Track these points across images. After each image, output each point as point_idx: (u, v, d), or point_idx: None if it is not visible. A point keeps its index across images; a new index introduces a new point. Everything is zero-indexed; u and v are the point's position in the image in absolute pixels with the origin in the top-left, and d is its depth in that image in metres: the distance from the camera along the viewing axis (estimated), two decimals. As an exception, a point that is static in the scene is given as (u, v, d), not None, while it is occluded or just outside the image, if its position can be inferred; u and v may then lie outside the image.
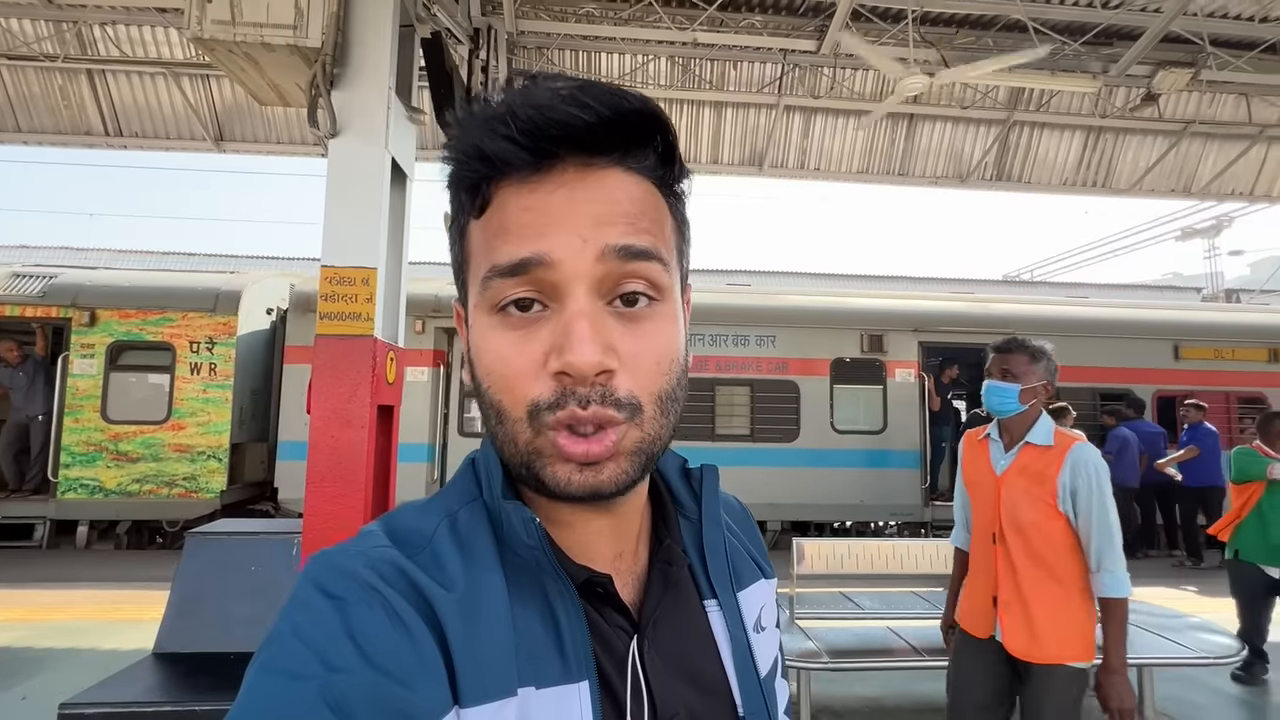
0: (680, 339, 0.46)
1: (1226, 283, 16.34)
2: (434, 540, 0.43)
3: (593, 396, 0.40)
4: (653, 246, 0.43)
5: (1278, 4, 5.51)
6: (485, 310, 0.43)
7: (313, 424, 2.92)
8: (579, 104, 0.40)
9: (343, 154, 3.07)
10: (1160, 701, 3.21)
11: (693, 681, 0.47)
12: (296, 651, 0.36)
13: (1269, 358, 7.83)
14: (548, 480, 0.42)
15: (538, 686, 0.40)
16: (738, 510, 0.62)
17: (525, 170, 0.41)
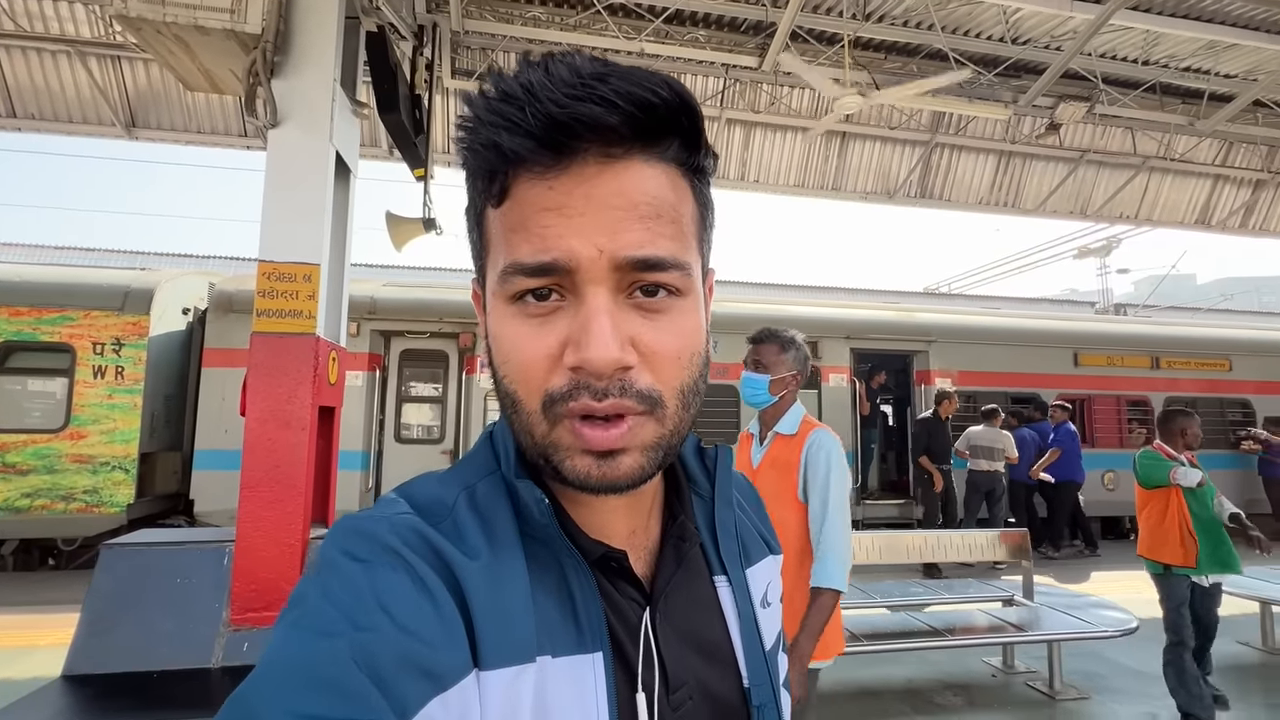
0: (702, 331, 0.46)
1: (1115, 298, 18.02)
2: (455, 510, 0.44)
3: (611, 390, 0.40)
4: (670, 255, 0.42)
5: (1157, 49, 6.20)
6: (504, 299, 0.43)
7: (248, 426, 2.77)
8: (601, 99, 0.38)
9: (284, 145, 2.95)
10: (1067, 675, 3.51)
11: (701, 652, 0.49)
12: (324, 611, 0.36)
13: (1151, 365, 8.71)
14: (567, 474, 0.42)
15: (554, 655, 0.41)
16: (746, 488, 0.64)
17: (542, 164, 0.40)
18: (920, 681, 3.55)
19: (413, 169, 5.09)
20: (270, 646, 0.36)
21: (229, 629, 2.72)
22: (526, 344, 0.42)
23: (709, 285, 0.50)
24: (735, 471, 0.59)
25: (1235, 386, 8.90)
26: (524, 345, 0.42)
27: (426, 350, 7.25)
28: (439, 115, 6.48)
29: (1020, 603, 3.83)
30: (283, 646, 0.36)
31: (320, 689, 0.33)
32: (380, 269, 13.69)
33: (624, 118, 0.39)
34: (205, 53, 3.13)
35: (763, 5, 5.56)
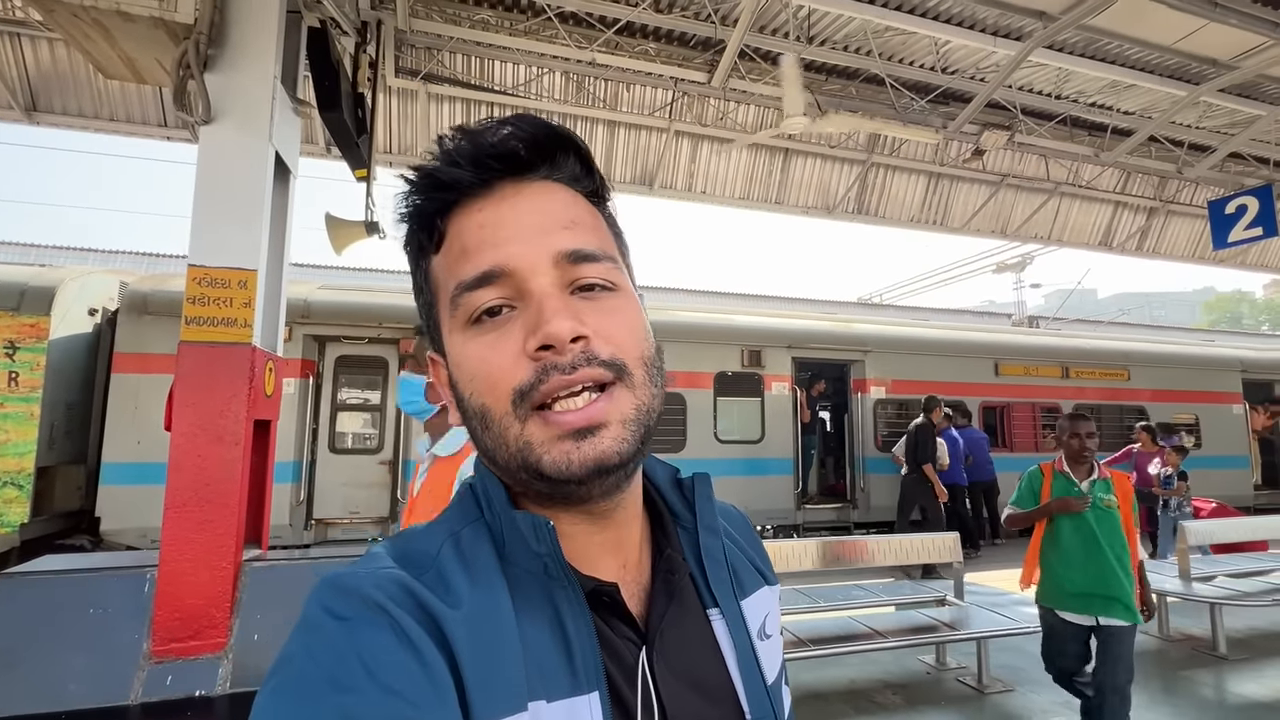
0: (645, 319, 0.49)
1: (1029, 311, 19.40)
2: (439, 559, 0.44)
3: (577, 362, 0.42)
4: (599, 249, 0.47)
5: (1068, 85, 6.74)
6: (460, 327, 0.46)
7: (174, 441, 2.58)
8: (508, 134, 0.47)
9: (218, 143, 2.77)
10: (994, 669, 3.74)
11: (700, 691, 0.48)
12: (305, 674, 0.36)
13: (1062, 374, 9.42)
14: (547, 467, 0.42)
15: (548, 700, 0.40)
16: (736, 518, 0.63)
17: (472, 193, 0.47)
18: (862, 682, 3.69)
19: (354, 170, 4.89)
20: (254, 711, 0.36)
21: (150, 661, 2.52)
22: (488, 352, 0.44)
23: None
24: (721, 500, 0.59)
25: (1133, 395, 9.75)
26: (485, 355, 0.44)
27: (364, 356, 6.97)
28: (382, 115, 6.27)
29: (952, 603, 4.05)
30: (267, 713, 0.35)
31: None
32: (314, 270, 13.07)
33: (524, 143, 0.47)
34: (128, 40, 2.91)
35: (711, 23, 5.68)
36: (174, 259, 14.86)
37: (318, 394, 6.73)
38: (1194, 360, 10.44)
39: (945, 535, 4.25)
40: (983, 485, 8.20)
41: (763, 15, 5.60)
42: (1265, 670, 3.92)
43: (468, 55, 6.26)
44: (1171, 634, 4.53)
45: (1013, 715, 3.33)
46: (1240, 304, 53.13)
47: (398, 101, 6.52)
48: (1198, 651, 4.24)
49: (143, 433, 6.04)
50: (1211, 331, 23.27)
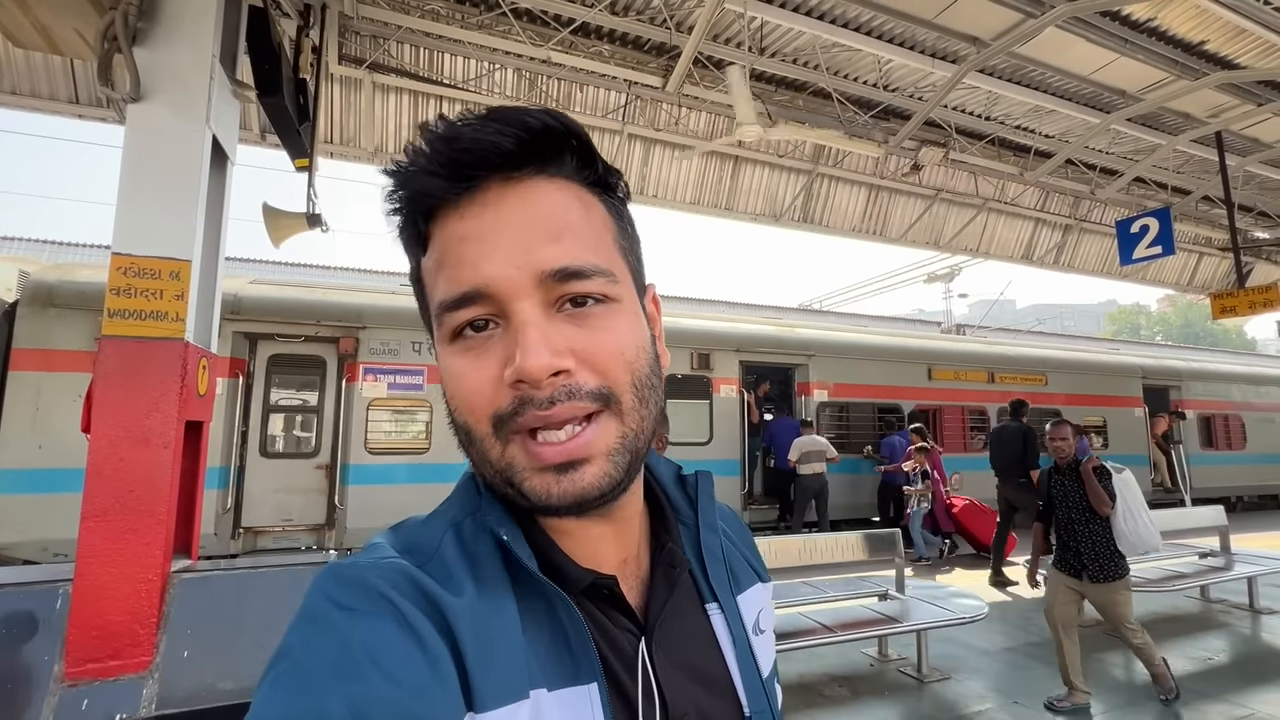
0: (641, 331, 0.46)
1: (956, 319, 20.52)
2: (441, 549, 0.44)
3: (556, 397, 0.41)
4: (588, 264, 0.43)
5: (996, 108, 7.18)
6: (445, 340, 0.44)
7: (94, 444, 2.37)
8: (487, 129, 0.42)
9: (148, 123, 2.57)
10: (932, 659, 3.92)
11: (699, 681, 0.48)
12: (309, 665, 0.35)
13: (988, 379, 10.01)
14: (528, 494, 0.43)
15: (549, 689, 0.41)
16: (732, 518, 0.63)
17: (452, 198, 0.43)
18: (810, 676, 3.80)
19: (294, 159, 4.65)
20: (256, 705, 0.35)
21: (62, 685, 2.31)
22: (468, 373, 0.43)
23: (652, 299, 0.52)
24: (717, 501, 0.60)
25: (1049, 398, 10.46)
26: (466, 375, 0.43)
27: (300, 355, 6.62)
28: (325, 103, 6.00)
29: (893, 596, 4.22)
30: (269, 705, 0.35)
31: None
32: (244, 263, 12.33)
33: (514, 140, 0.42)
34: (43, 7, 2.67)
35: (667, 29, 5.74)
36: (81, 248, 13.70)
37: (248, 394, 6.35)
38: (1102, 367, 11.33)
39: (887, 532, 4.43)
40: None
41: (717, 24, 5.70)
42: (1167, 650, 4.24)
43: (416, 46, 6.08)
44: (1086, 620, 4.88)
45: (950, 702, 3.50)
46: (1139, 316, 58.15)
47: (341, 90, 6.26)
48: (1109, 635, 4.58)
49: (45, 436, 5.54)
50: (1115, 341, 25.29)
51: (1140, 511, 3.44)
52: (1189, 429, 11.78)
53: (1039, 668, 3.95)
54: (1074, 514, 3.53)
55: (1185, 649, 4.29)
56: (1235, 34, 5.61)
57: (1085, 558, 3.46)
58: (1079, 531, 3.50)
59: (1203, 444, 11.78)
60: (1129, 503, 3.42)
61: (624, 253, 0.49)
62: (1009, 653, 4.22)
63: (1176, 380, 11.95)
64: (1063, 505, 3.60)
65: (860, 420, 8.98)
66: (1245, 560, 5.35)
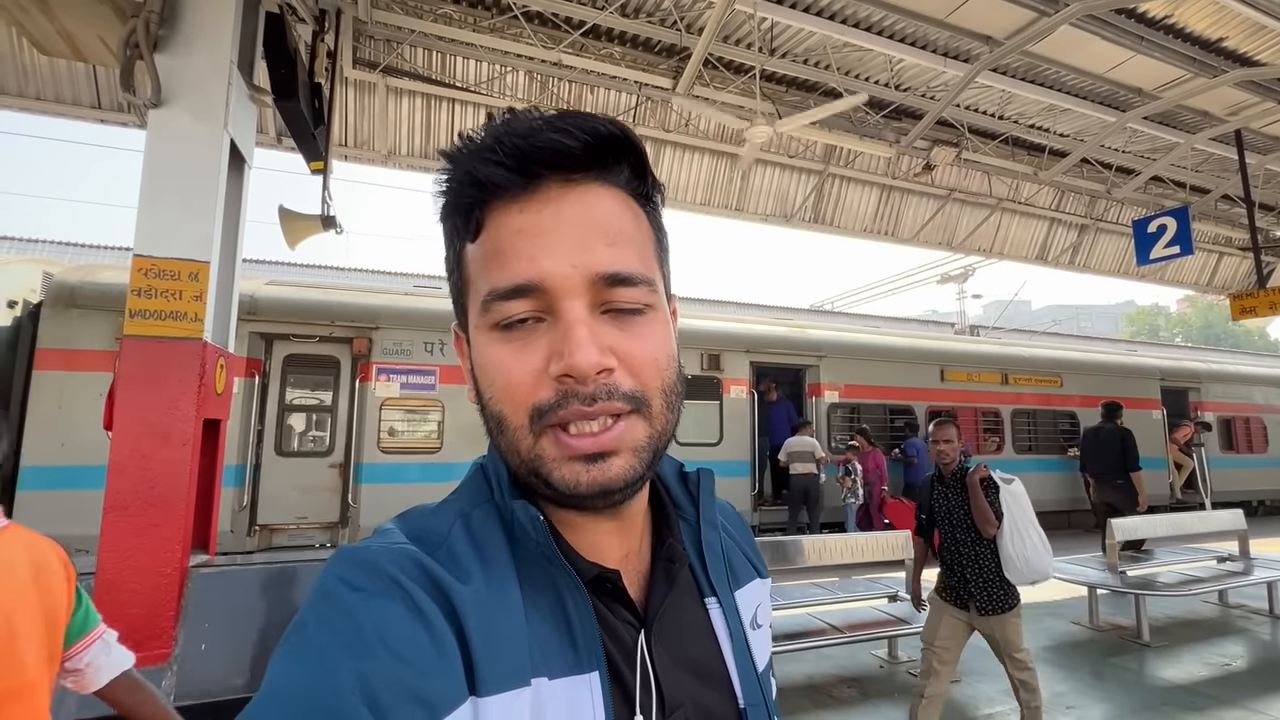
0: (672, 341, 0.49)
1: (970, 320, 20.34)
2: (450, 538, 0.45)
3: (598, 394, 0.43)
4: (637, 272, 0.45)
5: (1010, 107, 7.12)
6: (486, 328, 0.45)
7: (116, 442, 2.43)
8: (559, 130, 0.44)
9: (168, 128, 2.64)
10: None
11: (696, 673, 0.49)
12: (321, 640, 0.37)
13: (1002, 380, 9.92)
14: (556, 483, 0.44)
15: (550, 677, 0.42)
16: (731, 514, 0.65)
17: (514, 191, 0.44)
18: (819, 677, 3.79)
19: (309, 162, 4.73)
20: (270, 675, 0.37)
21: (84, 676, 2.36)
22: (511, 363, 0.44)
23: (674, 310, 0.53)
24: (720, 499, 0.61)
25: (1064, 400, 10.35)
26: (509, 365, 0.44)
27: (315, 355, 6.71)
28: (339, 107, 6.08)
29: (903, 598, 4.20)
30: (282, 675, 0.36)
31: (319, 718, 0.34)
32: (260, 265, 12.51)
33: (580, 144, 0.44)
34: (68, 14, 2.74)
35: (677, 30, 5.76)
36: (103, 249, 13.97)
37: (264, 394, 6.45)
38: (1119, 369, 11.17)
39: (898, 534, 4.41)
40: None
41: (727, 25, 5.71)
42: (1182, 655, 4.22)
43: (429, 50, 6.14)
44: (1101, 624, 4.83)
45: (960, 704, 3.48)
46: (1157, 317, 57.26)
47: (355, 94, 6.34)
48: (1124, 639, 4.54)
49: (68, 434, 5.66)
50: (1133, 342, 24.93)
51: (1029, 531, 2.84)
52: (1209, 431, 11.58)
53: (1048, 669, 3.92)
54: (958, 533, 2.91)
55: (1203, 654, 4.23)
56: (1254, 30, 5.53)
57: (972, 585, 2.83)
58: (964, 554, 2.87)
59: (1223, 447, 11.58)
60: (1017, 520, 2.84)
61: (660, 264, 0.51)
62: (1021, 656, 4.19)
63: (1195, 382, 11.76)
64: (945, 521, 2.97)
65: (872, 422, 8.93)
66: (1265, 565, 5.27)
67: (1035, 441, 10.01)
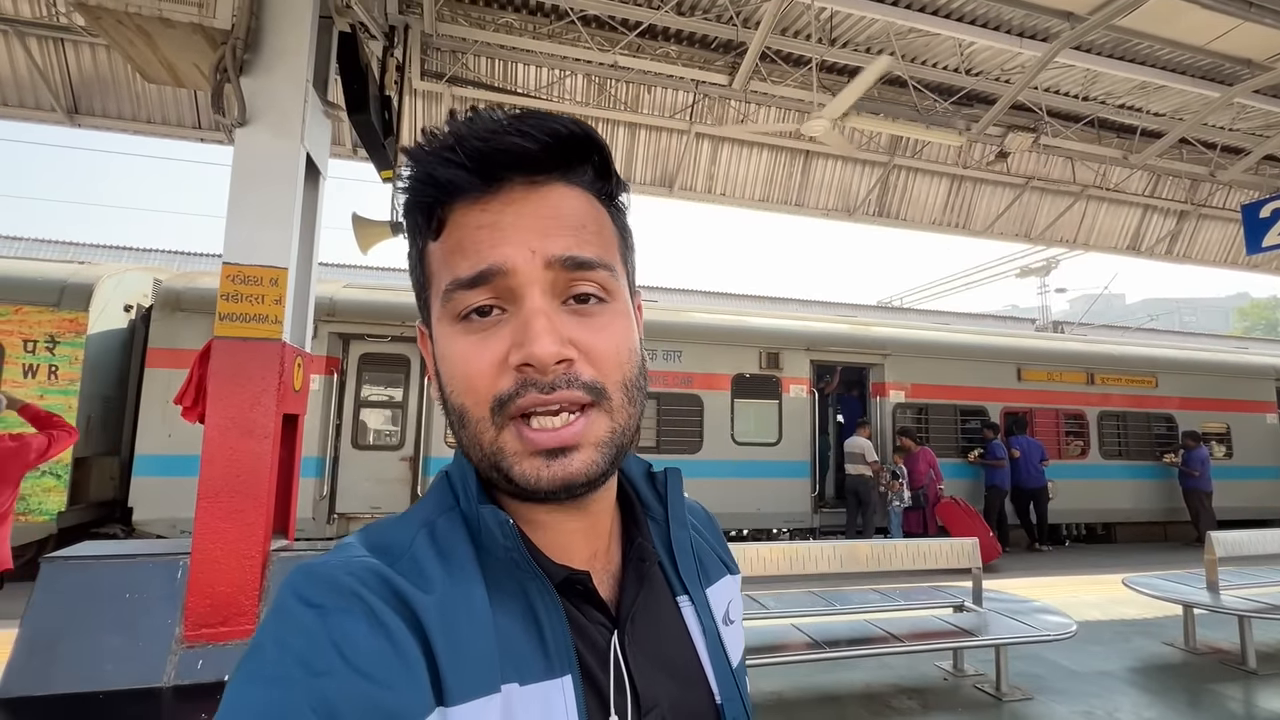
0: (634, 335, 0.48)
1: (1053, 315, 19.05)
2: (413, 548, 0.44)
3: (557, 383, 0.42)
4: (597, 256, 0.46)
5: (1095, 87, 6.63)
6: (449, 320, 0.45)
7: (208, 434, 2.67)
8: (520, 132, 0.44)
9: (252, 145, 2.87)
10: (1012, 677, 3.70)
11: (671, 673, 0.49)
12: (279, 659, 0.36)
13: (1087, 380, 9.25)
14: (517, 478, 0.43)
15: (521, 683, 0.41)
16: (700, 513, 0.65)
17: (475, 192, 0.44)
18: (877, 686, 3.68)
19: (380, 171, 4.99)
20: (226, 698, 0.35)
21: (182, 646, 2.61)
22: (472, 354, 0.44)
23: (638, 306, 0.53)
24: (688, 498, 0.61)
25: (1160, 402, 9.53)
26: (470, 356, 0.44)
27: (387, 354, 7.09)
28: (408, 117, 6.38)
29: (970, 608, 4.01)
30: (239, 698, 0.35)
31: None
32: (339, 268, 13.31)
33: (541, 146, 0.44)
34: (168, 45, 3.02)
35: (734, 25, 5.70)
36: (205, 257, 15.23)
37: (341, 391, 6.87)
38: (1225, 368, 10.18)
39: (965, 541, 4.21)
40: (1031, 491, 8.28)
41: (784, 18, 5.60)
42: (1295, 686, 3.82)
43: (491, 58, 6.35)
44: (1198, 646, 4.44)
45: (1032, 724, 3.29)
46: (1277, 310, 51.61)
47: (423, 104, 6.64)
48: (1226, 665, 4.15)
49: (174, 426, 6.21)
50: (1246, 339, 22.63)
51: None
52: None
53: (1135, 693, 3.65)
54: None
55: (1320, 685, 3.81)
56: (1390, -12, 4.91)
57: None
58: None
59: None
60: None
61: (624, 261, 0.51)
62: (1102, 676, 3.91)
63: (1319, 383, 10.56)
64: None
65: (941, 423, 8.54)
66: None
67: (1125, 447, 9.28)
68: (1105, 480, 8.95)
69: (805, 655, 3.32)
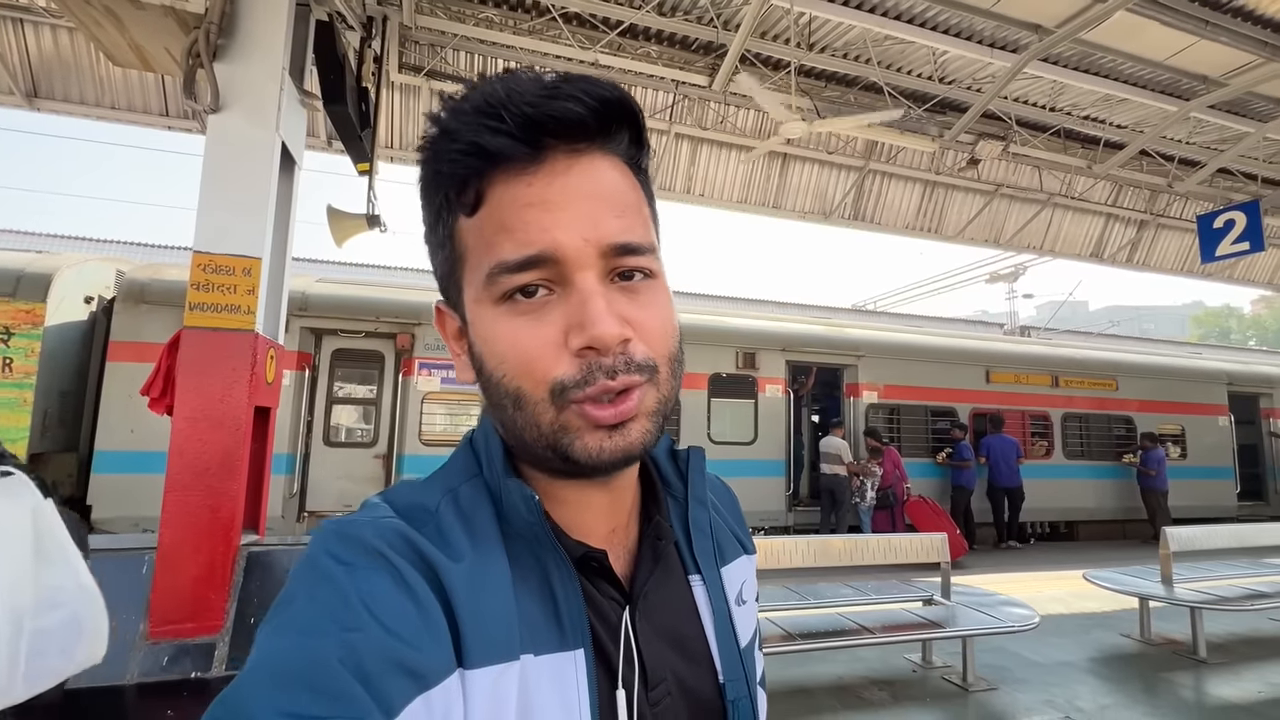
0: (673, 308, 0.48)
1: (1021, 320, 19.58)
2: (438, 514, 0.45)
3: (618, 366, 0.42)
4: (645, 241, 0.46)
5: (1062, 98, 6.85)
6: (490, 301, 0.44)
7: (175, 426, 2.60)
8: (569, 96, 0.42)
9: (226, 132, 2.81)
10: (978, 668, 3.80)
11: (679, 649, 0.50)
12: (310, 612, 0.37)
13: (1052, 383, 9.53)
14: (579, 453, 0.43)
15: (536, 654, 0.42)
16: (721, 489, 0.65)
17: (521, 162, 0.43)
18: (849, 678, 3.75)
19: (356, 163, 4.92)
20: (257, 647, 0.37)
21: (146, 642, 2.55)
22: (524, 336, 0.43)
23: None
24: (712, 475, 0.62)
25: (1120, 404, 9.87)
26: (523, 338, 0.43)
27: (360, 350, 6.99)
28: (385, 110, 6.30)
29: (938, 602, 4.11)
30: (270, 647, 0.36)
31: (308, 688, 0.34)
32: (308, 263, 13.05)
33: (589, 111, 0.43)
34: (138, 28, 2.95)
35: (714, 27, 5.75)
36: (170, 249, 14.80)
37: (313, 387, 6.74)
38: (1180, 372, 10.59)
39: (934, 536, 4.31)
40: (1005, 490, 8.54)
41: (764, 21, 5.67)
42: (1243, 674, 3.99)
43: (470, 53, 6.30)
44: (1153, 637, 4.61)
45: (996, 713, 3.38)
46: (1229, 319, 53.78)
47: (400, 97, 6.56)
48: (1178, 654, 4.32)
49: (136, 422, 6.03)
50: (1200, 345, 23.55)
51: None
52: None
53: (1093, 682, 3.78)
54: None
55: (1266, 674, 3.99)
56: (1334, 11, 5.17)
57: None
58: None
59: None
60: None
61: (656, 232, 0.50)
62: (1063, 666, 4.04)
63: (1268, 388, 11.04)
64: None
65: (912, 423, 8.72)
66: (1339, 582, 4.93)
67: (1087, 447, 9.59)
68: (1069, 480, 9.24)
69: (779, 648, 3.37)
